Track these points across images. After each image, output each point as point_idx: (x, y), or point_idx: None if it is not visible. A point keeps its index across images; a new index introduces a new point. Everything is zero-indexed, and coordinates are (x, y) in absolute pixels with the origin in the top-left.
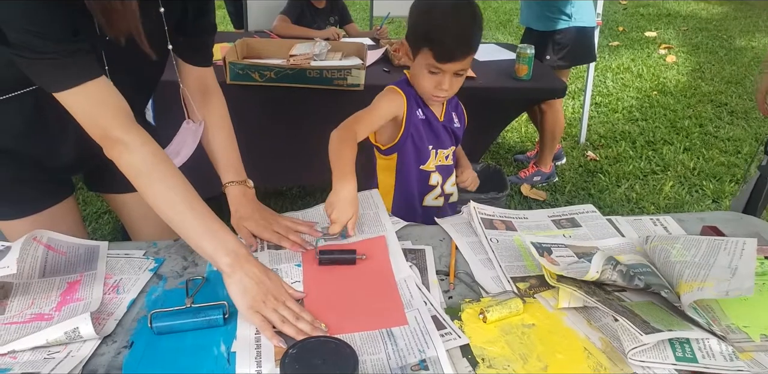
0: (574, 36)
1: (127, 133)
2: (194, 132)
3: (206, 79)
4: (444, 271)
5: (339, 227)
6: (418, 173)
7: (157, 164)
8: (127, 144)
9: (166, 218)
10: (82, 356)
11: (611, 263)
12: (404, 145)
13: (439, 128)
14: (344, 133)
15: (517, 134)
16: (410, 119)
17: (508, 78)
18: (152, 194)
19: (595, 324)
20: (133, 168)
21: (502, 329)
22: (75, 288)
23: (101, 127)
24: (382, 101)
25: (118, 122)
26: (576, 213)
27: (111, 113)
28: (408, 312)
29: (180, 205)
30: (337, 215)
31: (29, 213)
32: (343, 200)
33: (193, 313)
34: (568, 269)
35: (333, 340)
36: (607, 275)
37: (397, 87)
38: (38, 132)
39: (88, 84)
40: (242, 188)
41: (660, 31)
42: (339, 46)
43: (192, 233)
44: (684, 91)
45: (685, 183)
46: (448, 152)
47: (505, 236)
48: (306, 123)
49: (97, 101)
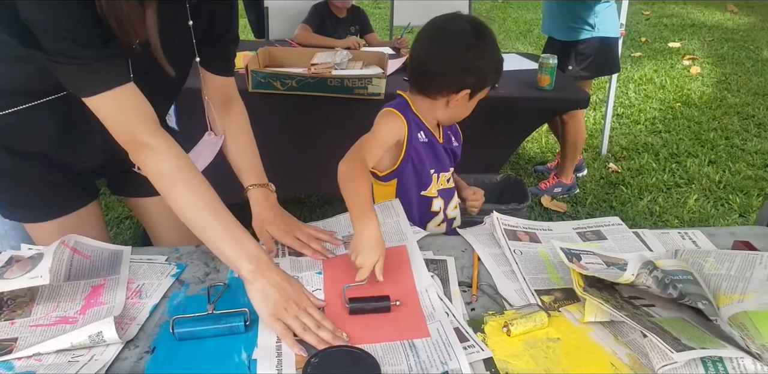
0: (597, 46)
1: (153, 137)
2: (213, 144)
3: (228, 88)
4: (466, 282)
5: (366, 272)
6: (419, 200)
7: (181, 168)
8: (154, 148)
9: (189, 222)
10: (106, 360)
11: (648, 267)
12: (404, 170)
13: (440, 150)
14: (354, 162)
15: (537, 145)
16: (410, 142)
17: (530, 88)
18: (175, 198)
19: (623, 340)
20: (158, 172)
21: (527, 343)
22: (99, 291)
23: (129, 131)
24: (384, 125)
25: (146, 127)
26: (601, 226)
27: (138, 118)
28: (430, 324)
29: (203, 209)
30: (362, 260)
31: (56, 216)
32: (367, 243)
33: (214, 320)
34: (598, 272)
35: (356, 350)
36: (642, 279)
37: (395, 109)
38: (67, 136)
39: (117, 89)
40: (264, 191)
41: (684, 41)
42: (360, 56)
43: (214, 238)
44: (709, 103)
45: (710, 197)
46: (449, 175)
47: (529, 248)
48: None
49: (125, 106)
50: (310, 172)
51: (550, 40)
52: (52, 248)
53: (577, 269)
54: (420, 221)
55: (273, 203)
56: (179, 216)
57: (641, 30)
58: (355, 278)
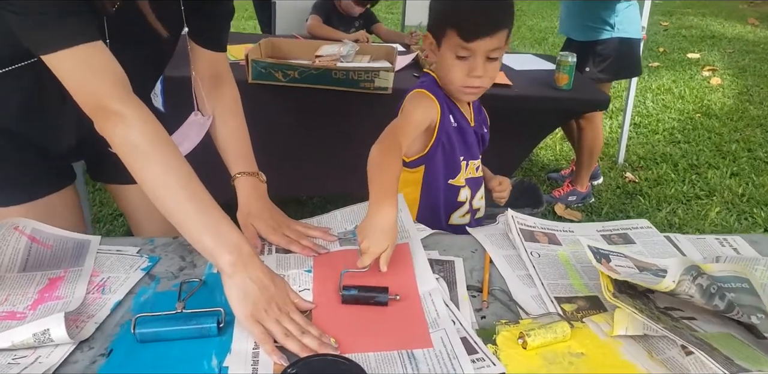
0: (617, 47)
1: (124, 105)
2: (200, 125)
3: (219, 66)
4: (476, 287)
5: (370, 259)
6: (446, 189)
7: (155, 142)
8: (124, 117)
9: (161, 204)
10: (52, 363)
11: (691, 273)
12: (434, 156)
13: (470, 136)
14: (389, 145)
15: (551, 152)
16: (443, 126)
17: (547, 87)
18: (147, 175)
19: (659, 357)
20: (127, 145)
21: (545, 357)
22: (56, 285)
23: (95, 96)
24: (416, 107)
25: (115, 92)
26: (629, 228)
27: (106, 81)
28: (433, 333)
29: (178, 190)
30: (368, 244)
31: (24, 201)
32: (379, 228)
33: (183, 320)
34: (631, 277)
35: (342, 360)
36: (684, 287)
37: (427, 90)
38: (36, 112)
39: (82, 47)
40: (254, 180)
41: (704, 53)
42: (367, 49)
43: (191, 224)
44: (730, 114)
45: (732, 210)
46: (478, 163)
47: (547, 251)
48: (330, 128)
49: (91, 66)
50: (312, 171)
51: (568, 41)
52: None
53: (606, 272)
54: (445, 211)
55: (262, 195)
56: (151, 197)
57: (659, 40)
58: (357, 264)
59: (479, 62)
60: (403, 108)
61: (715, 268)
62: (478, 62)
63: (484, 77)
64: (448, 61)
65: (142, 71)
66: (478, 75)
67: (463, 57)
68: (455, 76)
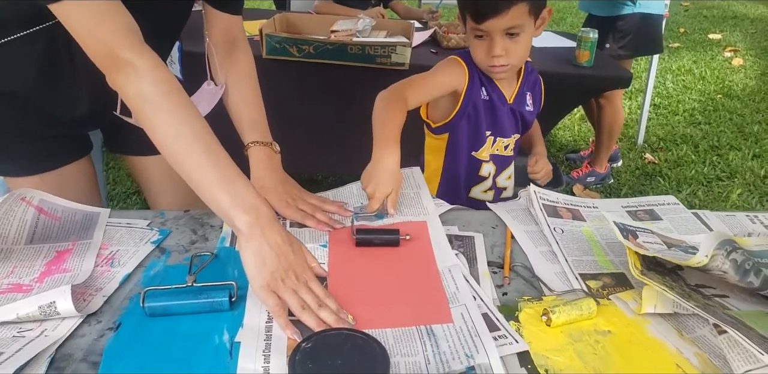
0: (638, 23)
1: (136, 54)
2: (212, 94)
3: (234, 30)
4: (497, 263)
5: (377, 203)
6: (468, 160)
7: (168, 93)
8: (136, 67)
9: (174, 159)
10: (57, 336)
11: (725, 248)
12: (458, 125)
13: (503, 113)
14: (393, 95)
15: (569, 133)
16: (469, 95)
17: (568, 64)
18: (160, 128)
19: (688, 336)
20: (140, 95)
21: (570, 335)
22: (64, 257)
23: (105, 45)
24: (442, 69)
25: (126, 41)
26: (655, 205)
27: (118, 30)
28: (453, 308)
29: (193, 144)
30: (374, 188)
31: (38, 171)
32: (384, 172)
33: (194, 293)
34: (661, 253)
35: (359, 334)
36: (717, 262)
37: (460, 58)
38: (50, 78)
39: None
40: (267, 150)
41: (725, 33)
42: (384, 25)
43: (206, 179)
44: (752, 95)
45: (754, 192)
46: (509, 141)
47: (571, 226)
48: (346, 105)
49: (102, 14)
50: (328, 150)
51: (589, 17)
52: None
53: (633, 248)
54: (465, 183)
55: (276, 167)
56: (162, 152)
57: (680, 21)
58: (366, 208)
59: (497, 41)
60: (432, 68)
61: (752, 242)
62: (496, 41)
63: (506, 56)
64: (471, 42)
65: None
66: (497, 54)
67: (481, 36)
68: (478, 56)
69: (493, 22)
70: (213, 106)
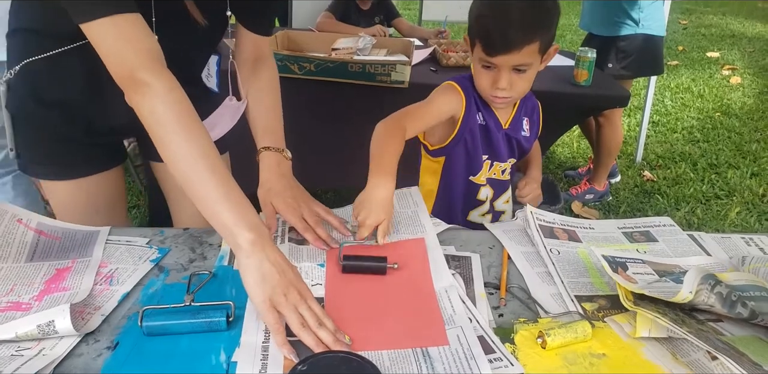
0: (641, 44)
1: (154, 76)
2: (235, 109)
3: (261, 48)
4: (493, 284)
5: (367, 231)
6: (465, 185)
7: (181, 114)
8: (153, 88)
9: (183, 178)
10: (56, 355)
11: (709, 282)
12: (454, 149)
13: (498, 138)
14: (392, 126)
15: (568, 149)
16: (467, 121)
17: (566, 84)
18: (171, 147)
19: (683, 360)
20: (154, 115)
21: (566, 358)
22: (63, 275)
23: (126, 65)
24: (439, 97)
25: (146, 63)
26: (651, 226)
27: (140, 52)
28: (449, 330)
29: (201, 164)
30: (365, 216)
31: (74, 176)
32: (376, 201)
33: (192, 313)
34: (648, 288)
35: (355, 357)
36: (702, 297)
37: (457, 84)
38: (94, 88)
39: (118, 17)
40: (278, 156)
41: (723, 51)
42: (384, 43)
43: (210, 197)
44: (751, 113)
45: (753, 210)
46: (506, 166)
47: (567, 248)
48: (345, 122)
49: (126, 36)
50: (327, 166)
51: (589, 36)
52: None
53: (623, 284)
54: (463, 207)
55: (285, 173)
56: (172, 170)
57: (678, 39)
58: (356, 236)
59: (504, 75)
60: (429, 96)
61: (731, 277)
62: (502, 75)
63: (509, 89)
64: (477, 69)
65: (190, 51)
66: (502, 88)
67: (488, 67)
68: (482, 84)
69: (504, 58)
70: (236, 121)
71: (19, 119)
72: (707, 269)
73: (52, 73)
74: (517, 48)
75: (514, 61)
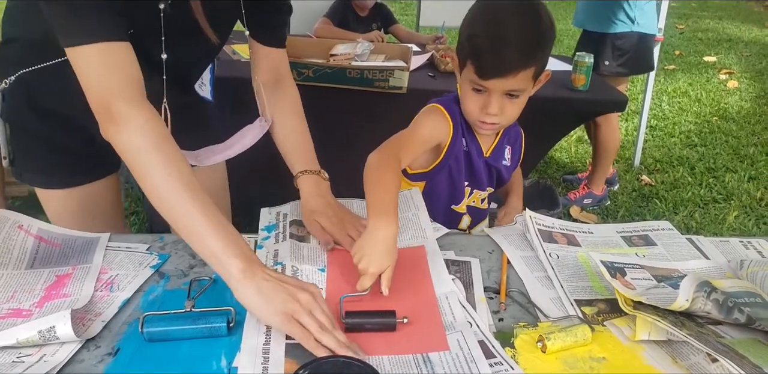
0: (636, 42)
1: (131, 107)
2: (258, 129)
3: (280, 64)
4: (493, 288)
5: (369, 280)
6: (446, 213)
7: (158, 144)
8: (129, 119)
9: (165, 208)
10: (57, 361)
11: (704, 289)
12: (437, 176)
13: (479, 165)
14: (386, 158)
15: (566, 154)
16: (452, 148)
17: (563, 88)
18: (151, 178)
19: (683, 363)
20: (132, 146)
21: (566, 362)
22: (63, 282)
23: (103, 95)
24: (427, 122)
25: (125, 93)
26: (650, 230)
27: (119, 81)
28: (449, 335)
29: (183, 193)
30: (366, 264)
31: (69, 185)
32: (379, 245)
33: (192, 319)
34: (647, 294)
35: (356, 362)
36: (699, 304)
37: (444, 108)
38: None
39: (105, 44)
40: (316, 178)
41: (720, 56)
42: (382, 49)
43: (197, 227)
44: (748, 117)
45: (751, 214)
46: (485, 195)
47: (566, 252)
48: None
49: (106, 65)
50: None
51: (584, 34)
52: None
53: (621, 290)
54: None
55: (324, 193)
56: (153, 200)
57: (675, 43)
58: (356, 286)
59: (494, 99)
60: (415, 120)
61: (725, 284)
62: (493, 99)
63: (499, 115)
64: (466, 91)
65: (192, 62)
66: (492, 113)
67: (479, 90)
68: (470, 108)
69: (497, 82)
70: (258, 139)
71: (14, 128)
72: (702, 276)
73: (49, 84)
74: (513, 72)
75: (507, 86)
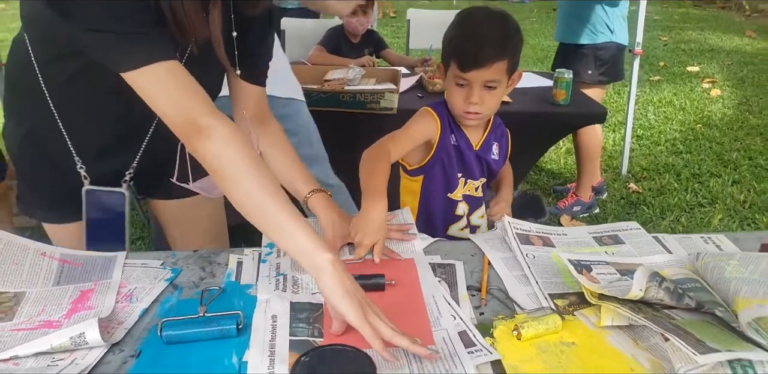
0: (615, 52)
1: (216, 120)
2: None
3: (260, 105)
4: (475, 287)
5: (364, 250)
6: (444, 201)
7: (249, 155)
8: (219, 132)
9: (256, 212)
10: (87, 363)
11: (656, 279)
12: (432, 169)
13: (470, 158)
14: (377, 151)
15: (555, 166)
16: (442, 143)
17: (545, 103)
18: (243, 186)
19: (643, 344)
20: (221, 158)
21: (539, 347)
22: (88, 296)
23: (187, 113)
24: (417, 122)
25: (206, 108)
26: (619, 230)
27: (198, 98)
28: (435, 332)
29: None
30: (361, 237)
31: (73, 220)
32: (371, 222)
33: (205, 322)
34: (609, 287)
35: (351, 349)
36: (652, 293)
37: (432, 109)
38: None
39: (167, 63)
40: (323, 195)
41: (703, 65)
42: (373, 73)
43: (287, 228)
44: (731, 124)
45: (735, 216)
46: (478, 184)
47: (542, 252)
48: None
49: (181, 83)
50: None
51: (562, 47)
52: None
53: (586, 284)
54: (443, 222)
55: (334, 206)
56: (243, 207)
57: (659, 55)
58: (353, 255)
59: (476, 90)
60: (408, 121)
61: (669, 272)
62: (474, 90)
63: (480, 104)
64: (451, 88)
65: None
66: (474, 102)
67: (462, 85)
68: (455, 101)
69: (476, 73)
70: None
71: (19, 164)
72: (653, 268)
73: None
74: (489, 63)
75: (485, 76)
